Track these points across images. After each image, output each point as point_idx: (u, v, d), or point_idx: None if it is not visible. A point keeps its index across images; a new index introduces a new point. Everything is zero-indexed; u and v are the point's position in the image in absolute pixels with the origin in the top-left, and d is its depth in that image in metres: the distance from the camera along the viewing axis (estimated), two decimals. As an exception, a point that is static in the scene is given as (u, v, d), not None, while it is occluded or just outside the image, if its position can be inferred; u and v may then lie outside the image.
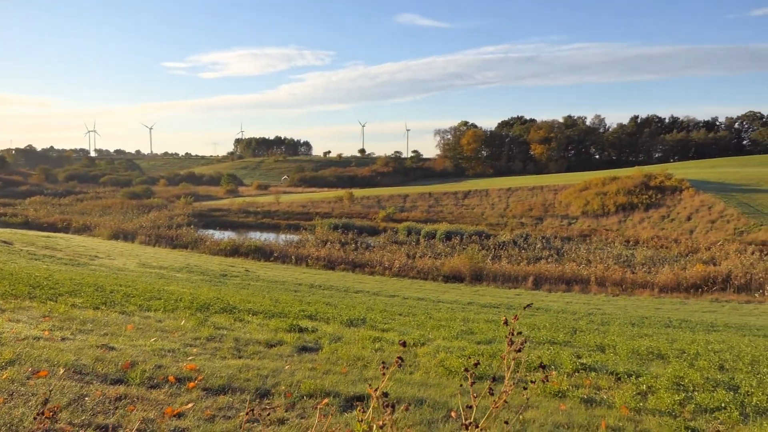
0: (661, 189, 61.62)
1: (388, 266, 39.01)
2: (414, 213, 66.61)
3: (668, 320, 23.24)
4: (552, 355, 9.13)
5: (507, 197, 71.89)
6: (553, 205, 66.04)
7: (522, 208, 65.99)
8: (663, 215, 56.44)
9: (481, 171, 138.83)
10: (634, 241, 50.26)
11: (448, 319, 15.90)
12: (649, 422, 5.68)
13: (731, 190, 60.51)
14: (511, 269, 38.13)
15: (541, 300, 30.59)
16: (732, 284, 35.32)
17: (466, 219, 62.58)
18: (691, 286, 35.29)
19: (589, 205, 61.46)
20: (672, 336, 16.55)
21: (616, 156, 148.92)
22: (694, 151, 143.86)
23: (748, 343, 15.51)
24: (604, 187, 64.44)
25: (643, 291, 34.82)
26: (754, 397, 6.78)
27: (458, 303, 26.22)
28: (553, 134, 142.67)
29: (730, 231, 48.87)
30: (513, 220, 61.42)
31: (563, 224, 58.98)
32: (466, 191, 77.43)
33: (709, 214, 53.25)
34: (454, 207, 70.60)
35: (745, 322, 25.00)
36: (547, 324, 16.79)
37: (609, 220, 58.14)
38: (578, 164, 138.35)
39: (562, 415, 5.73)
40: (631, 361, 9.74)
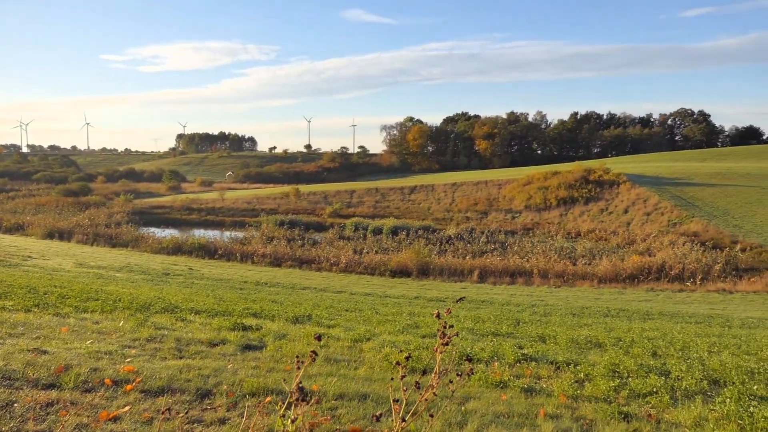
0: (600, 183, 63.61)
1: (335, 262, 38.91)
2: (361, 208, 66.63)
3: (607, 310, 24.05)
4: (495, 347, 9.31)
5: (452, 192, 72.76)
6: (497, 199, 67.25)
7: (467, 202, 66.93)
8: (602, 208, 58.27)
9: (427, 166, 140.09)
10: (575, 233, 51.71)
11: (394, 314, 15.99)
12: (586, 408, 5.87)
13: (665, 183, 63.02)
14: (457, 263, 38.64)
15: (486, 293, 31.14)
16: (666, 274, 36.84)
17: (412, 214, 63.01)
18: (628, 276, 36.62)
19: (532, 199, 62.86)
20: (610, 325, 17.13)
21: (557, 151, 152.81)
22: (630, 146, 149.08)
23: (680, 330, 16.24)
24: (546, 182, 66.03)
25: (583, 282, 35.90)
26: (684, 381, 7.09)
27: (405, 297, 26.41)
28: (496, 130, 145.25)
29: (665, 223, 50.90)
30: (459, 214, 62.22)
31: (507, 218, 60.14)
32: (412, 186, 77.96)
33: (645, 207, 55.31)
34: (401, 202, 70.99)
35: (678, 309, 26.14)
36: (492, 316, 17.11)
37: (551, 213, 59.62)
38: (521, 159, 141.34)
39: (503, 405, 5.85)
40: (571, 350, 10.03)
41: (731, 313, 25.26)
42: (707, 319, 21.89)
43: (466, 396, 6.18)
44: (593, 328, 15.27)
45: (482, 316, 16.82)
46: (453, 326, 2.91)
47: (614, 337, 12.02)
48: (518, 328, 13.82)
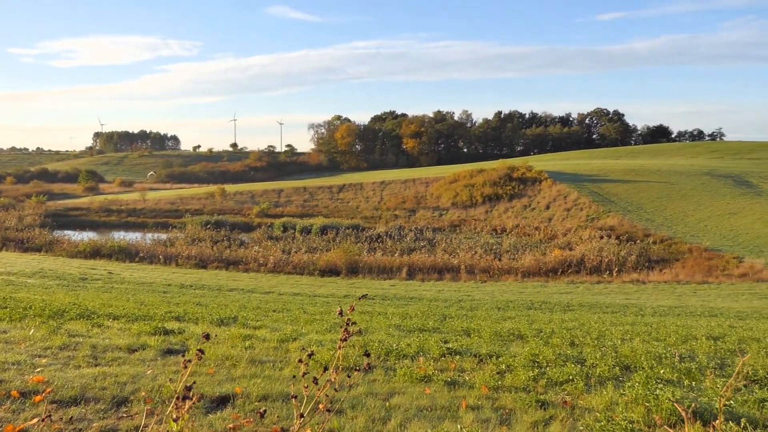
0: (523, 180, 65.67)
1: (263, 263, 38.35)
2: (289, 208, 65.96)
3: (530, 303, 24.85)
4: (421, 342, 9.43)
5: (381, 190, 73.21)
6: (425, 197, 68.19)
7: (396, 200, 67.52)
8: (525, 205, 60.19)
9: (355, 165, 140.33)
10: (500, 229, 53.14)
11: (322, 313, 15.93)
12: (506, 399, 6.05)
13: (583, 180, 65.77)
14: (386, 261, 38.93)
15: (414, 289, 31.51)
16: (585, 267, 38.50)
17: (341, 213, 62.97)
18: (550, 270, 38.00)
19: (459, 196, 64.15)
20: (533, 317, 17.72)
21: (482, 149, 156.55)
22: (551, 144, 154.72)
23: (598, 320, 16.98)
24: (472, 179, 67.54)
25: (508, 276, 36.97)
26: (598, 368, 7.43)
27: (334, 296, 26.35)
28: (423, 129, 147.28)
29: (583, 218, 53.15)
30: (387, 212, 62.67)
31: (435, 215, 61.09)
32: (341, 185, 77.88)
33: (565, 203, 57.55)
34: (330, 201, 70.78)
35: (597, 300, 27.35)
36: (419, 312, 17.34)
37: (477, 210, 61.03)
38: (448, 157, 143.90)
39: (426, 399, 5.94)
40: (494, 342, 10.30)
41: (644, 302, 26.66)
42: (622, 308, 23.00)
43: (390, 391, 6.24)
44: (516, 320, 15.74)
45: (410, 313, 17.01)
46: (356, 323, 2.93)
47: (536, 329, 12.44)
48: (445, 323, 14.06)
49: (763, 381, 7.06)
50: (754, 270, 35.49)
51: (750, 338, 11.36)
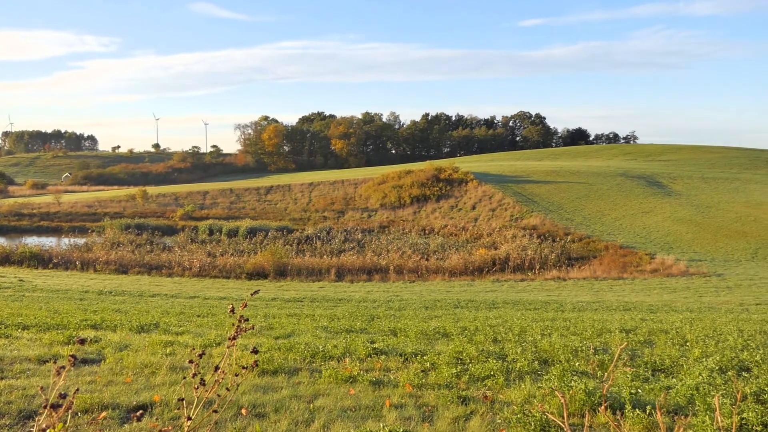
0: (450, 181, 66.86)
1: (187, 267, 37.30)
2: (215, 210, 64.45)
3: (457, 301, 25.33)
4: (348, 343, 9.45)
5: (309, 192, 72.73)
6: (353, 198, 68.25)
7: (324, 202, 67.25)
8: (452, 205, 61.30)
9: (283, 166, 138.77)
10: (428, 230, 53.88)
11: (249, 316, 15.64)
12: (429, 396, 6.15)
13: (508, 181, 67.68)
14: (314, 263, 38.71)
15: (343, 291, 31.48)
16: (510, 265, 39.63)
17: (269, 215, 62.11)
18: (476, 269, 38.87)
19: (387, 197, 64.59)
20: (459, 315, 18.08)
21: (410, 151, 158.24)
22: (476, 146, 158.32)
23: (520, 317, 17.51)
24: (400, 181, 68.16)
25: (436, 276, 37.53)
26: (518, 363, 7.67)
27: (262, 299, 25.95)
28: (352, 130, 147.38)
29: (508, 218, 54.68)
30: (316, 214, 62.34)
31: (364, 216, 61.25)
32: (268, 187, 76.82)
33: (490, 203, 59.03)
34: (257, 203, 69.67)
35: (520, 297, 28.20)
36: (347, 314, 17.34)
37: (405, 211, 61.64)
38: (376, 159, 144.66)
39: (351, 399, 5.96)
40: (420, 341, 10.44)
41: (565, 298, 27.71)
42: (544, 305, 23.81)
43: (315, 393, 6.22)
44: (443, 319, 16.01)
45: (338, 314, 16.99)
46: (249, 320, 2.91)
47: (461, 327, 12.70)
48: (372, 323, 14.13)
49: (669, 370, 7.49)
50: (665, 265, 37.57)
51: (659, 330, 12.02)
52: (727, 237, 45.08)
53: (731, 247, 42.89)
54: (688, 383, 6.01)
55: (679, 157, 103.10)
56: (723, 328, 12.64)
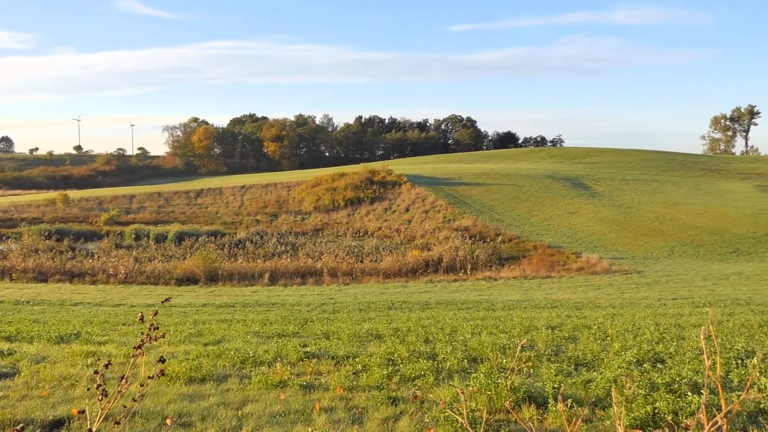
0: (384, 184, 67.24)
1: (113, 273, 35.90)
2: (142, 214, 62.30)
3: (391, 303, 25.49)
4: (279, 348, 9.34)
5: (242, 195, 71.48)
6: (287, 201, 67.58)
7: (257, 205, 66.25)
8: (386, 207, 61.67)
9: (214, 169, 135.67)
10: (362, 232, 53.97)
11: (177, 323, 15.24)
12: (360, 398, 6.16)
13: (440, 183, 68.71)
14: (247, 267, 38.08)
15: (277, 295, 31.11)
16: (443, 266, 40.21)
17: (200, 219, 60.61)
18: (410, 270, 39.23)
19: (321, 200, 64.29)
20: (392, 317, 18.20)
21: (344, 153, 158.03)
22: (410, 148, 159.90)
23: (452, 317, 17.81)
24: (334, 183, 67.99)
25: (370, 278, 37.63)
26: (448, 362, 7.80)
27: (192, 305, 25.31)
28: (285, 132, 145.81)
29: (440, 219, 55.50)
30: (248, 217, 61.33)
31: (297, 220, 60.74)
32: (198, 190, 74.99)
33: (424, 206, 59.76)
34: (187, 207, 67.86)
35: (453, 298, 28.67)
36: (280, 318, 17.15)
37: (339, 213, 61.52)
38: (310, 161, 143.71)
39: (281, 404, 5.90)
40: (353, 344, 10.45)
41: (495, 297, 28.37)
42: (476, 304, 24.31)
43: (244, 400, 6.12)
44: (376, 321, 16.08)
45: (271, 319, 16.78)
46: (158, 328, 2.85)
47: (393, 328, 12.79)
48: (305, 327, 14.03)
49: (590, 364, 7.80)
50: (590, 264, 39.07)
51: (583, 326, 12.50)
52: (646, 236, 47.36)
53: (650, 245, 45.08)
54: (607, 376, 6.28)
55: (602, 159, 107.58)
56: (641, 322, 13.27)
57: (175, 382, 6.99)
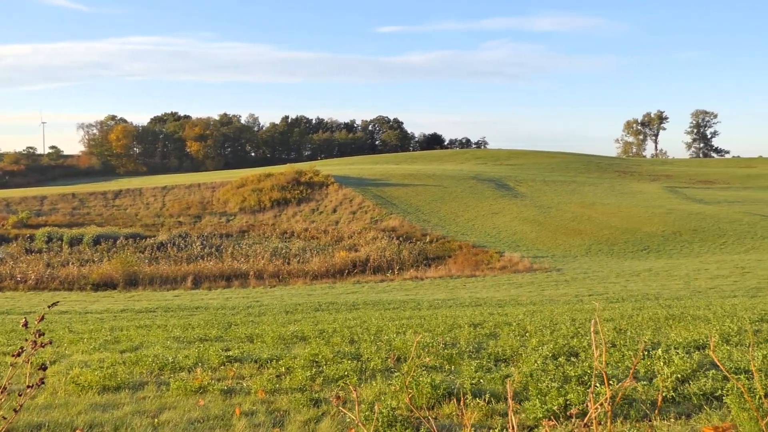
0: (311, 184, 66.82)
1: (21, 279, 33.96)
2: (55, 217, 59.15)
3: (318, 304, 25.36)
4: (200, 353, 9.12)
5: (163, 196, 69.18)
6: (211, 202, 65.98)
7: (180, 206, 64.32)
8: (313, 208, 61.31)
9: (133, 169, 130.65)
10: (289, 233, 53.42)
11: (92, 331, 14.58)
12: (282, 401, 6.11)
13: (367, 184, 68.98)
14: (169, 270, 36.98)
15: (200, 299, 30.36)
16: (370, 267, 40.40)
17: (118, 221, 58.23)
18: (337, 271, 39.19)
19: (247, 201, 63.17)
20: (319, 318, 18.11)
21: (270, 154, 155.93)
22: (337, 149, 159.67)
23: (379, 317, 17.91)
24: (260, 184, 66.95)
25: (297, 280, 37.33)
26: (372, 362, 7.85)
27: (110, 312, 24.30)
28: (209, 131, 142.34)
29: (368, 220, 55.72)
30: (170, 219, 59.45)
31: (222, 221, 59.44)
32: (117, 191, 71.98)
33: (351, 206, 59.82)
34: (104, 208, 64.99)
35: (380, 298, 28.85)
36: (203, 322, 16.74)
37: (265, 215, 60.64)
38: (235, 162, 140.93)
39: (200, 411, 5.76)
40: (277, 346, 10.33)
41: (422, 297, 28.77)
42: (402, 304, 24.56)
43: (161, 407, 5.93)
44: (302, 323, 15.95)
45: (193, 323, 16.34)
46: (44, 334, 2.75)
47: (319, 330, 12.73)
48: (229, 330, 13.75)
49: (510, 359, 8.04)
50: (512, 262, 40.28)
51: (503, 323, 12.87)
52: (565, 235, 49.31)
53: (569, 244, 46.97)
54: (524, 370, 6.50)
55: (525, 161, 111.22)
56: (559, 318, 13.81)
57: (87, 392, 6.68)
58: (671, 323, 11.57)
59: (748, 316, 12.18)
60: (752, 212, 55.59)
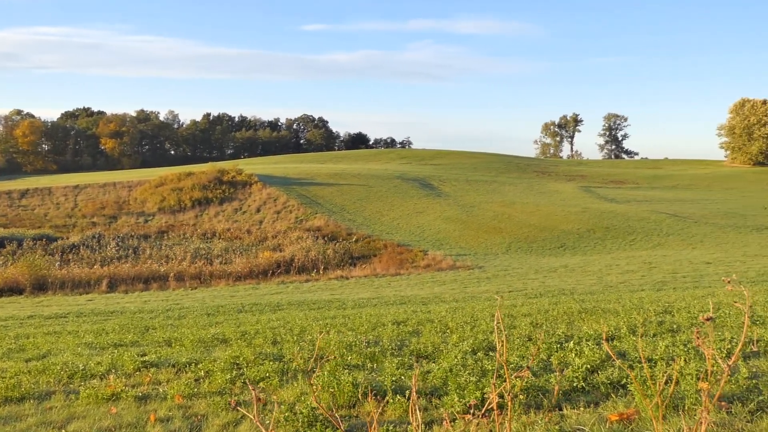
0: (234, 184, 65.46)
1: None
2: (-47, 218, 55.17)
3: (241, 306, 24.86)
4: (114, 359, 8.75)
5: (75, 195, 65.87)
6: (128, 202, 63.42)
7: (93, 206, 61.42)
8: (236, 208, 60.09)
9: (42, 167, 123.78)
10: (211, 234, 52.13)
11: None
12: (200, 405, 5.95)
13: (292, 183, 68.31)
14: (82, 274, 35.32)
15: (116, 302, 29.16)
16: (295, 267, 40.03)
17: (25, 221, 55.00)
18: (261, 272, 38.59)
19: (166, 201, 61.17)
20: (241, 320, 17.77)
21: (191, 152, 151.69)
22: (261, 148, 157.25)
23: (303, 317, 17.77)
24: (180, 183, 64.98)
25: (220, 281, 36.48)
26: (294, 362, 7.78)
27: (15, 318, 22.87)
28: (125, 128, 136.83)
29: (293, 220, 55.19)
30: (83, 220, 56.72)
31: (140, 222, 57.27)
32: (23, 190, 67.90)
33: (275, 206, 59.05)
34: (9, 209, 61.16)
35: (305, 298, 28.63)
36: (118, 327, 16.06)
37: (186, 215, 58.91)
38: (154, 160, 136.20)
39: (111, 419, 5.53)
40: (197, 349, 10.05)
41: (347, 296, 28.76)
42: (327, 303, 24.47)
43: (69, 417, 5.64)
44: (224, 325, 15.60)
45: (107, 328, 15.66)
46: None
47: (241, 331, 12.49)
48: (146, 335, 13.27)
49: (431, 356, 8.18)
50: (436, 261, 40.97)
51: (426, 320, 13.07)
52: (486, 233, 50.64)
53: (490, 242, 48.27)
54: (444, 366, 6.63)
55: (448, 161, 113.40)
56: (479, 314, 14.17)
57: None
58: (584, 317, 12.11)
59: (653, 309, 12.92)
60: (658, 211, 59.06)
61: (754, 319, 9.63)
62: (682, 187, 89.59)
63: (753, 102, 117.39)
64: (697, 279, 28.41)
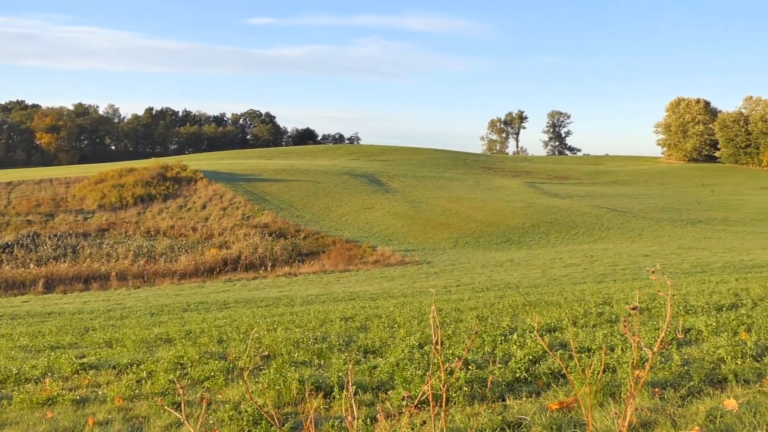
0: (178, 180, 63.93)
1: None
2: None
3: (186, 304, 24.37)
4: (51, 362, 8.44)
5: (8, 192, 62.98)
6: (65, 199, 61.07)
7: (28, 204, 58.88)
8: (181, 205, 58.71)
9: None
10: (154, 231, 50.80)
11: None
12: (141, 407, 5.81)
13: (239, 179, 67.24)
14: (16, 274, 33.99)
15: (54, 303, 28.14)
16: (242, 264, 39.50)
17: (-46, 220, 52.23)
18: (207, 269, 37.92)
19: (107, 198, 59.21)
20: (186, 319, 17.42)
21: (133, 147, 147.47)
22: (206, 143, 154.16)
23: (250, 315, 17.56)
24: (122, 179, 63.03)
25: (164, 280, 35.66)
26: (240, 361, 7.68)
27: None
28: (62, 122, 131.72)
29: (239, 216, 54.34)
30: (17, 218, 54.29)
31: (79, 219, 55.25)
32: (-48, 187, 64.54)
33: (221, 203, 58.01)
34: (-63, 207, 58.03)
35: (253, 296, 28.29)
36: (55, 329, 15.50)
37: (128, 212, 57.19)
38: (93, 155, 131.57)
39: (46, 424, 5.33)
40: (139, 350, 9.81)
41: (295, 293, 28.56)
42: (275, 301, 24.27)
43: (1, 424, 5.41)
44: (168, 324, 15.26)
45: (44, 330, 15.09)
46: None
47: (186, 331, 12.26)
48: (85, 336, 12.84)
49: (379, 351, 8.22)
50: (385, 256, 41.13)
51: (374, 315, 13.12)
52: (434, 228, 51.15)
53: (438, 237, 48.77)
54: (391, 361, 6.67)
55: (396, 157, 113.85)
56: (427, 309, 14.31)
57: None
58: (528, 309, 12.40)
59: (594, 300, 13.34)
60: (599, 205, 60.97)
61: (687, 308, 10.04)
62: (622, 182, 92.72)
63: (688, 101, 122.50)
64: (636, 271, 29.48)
